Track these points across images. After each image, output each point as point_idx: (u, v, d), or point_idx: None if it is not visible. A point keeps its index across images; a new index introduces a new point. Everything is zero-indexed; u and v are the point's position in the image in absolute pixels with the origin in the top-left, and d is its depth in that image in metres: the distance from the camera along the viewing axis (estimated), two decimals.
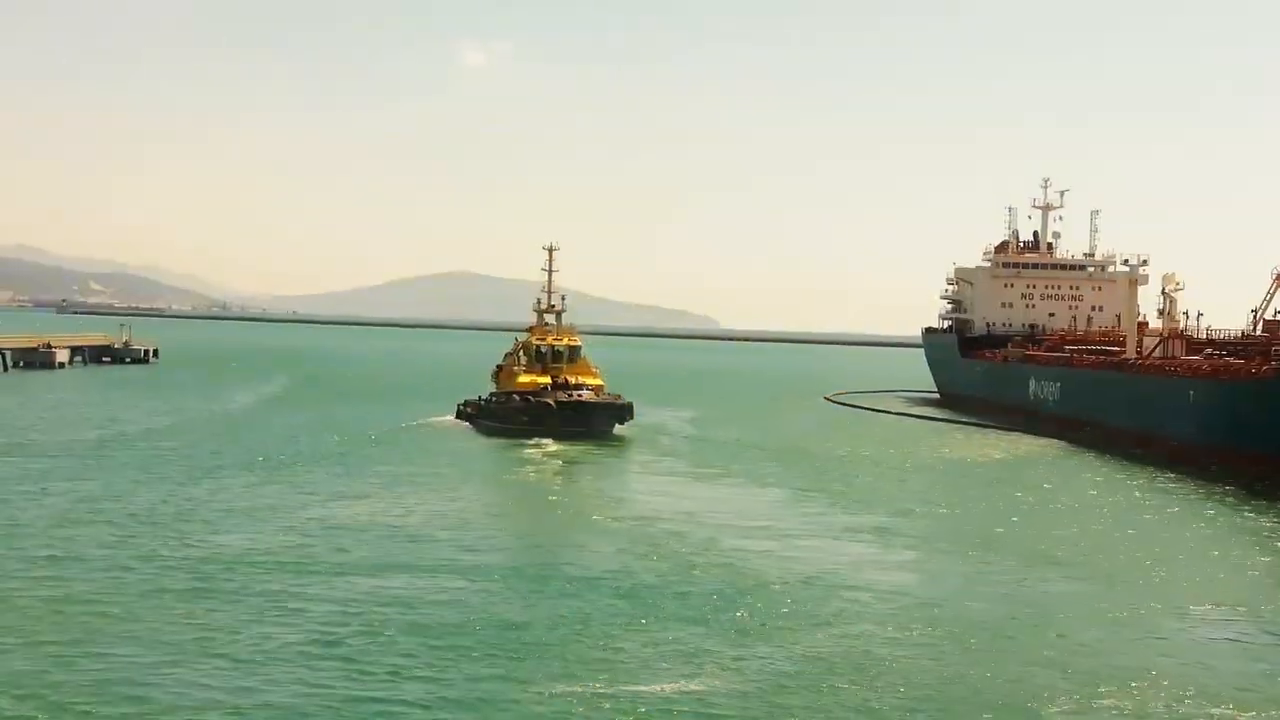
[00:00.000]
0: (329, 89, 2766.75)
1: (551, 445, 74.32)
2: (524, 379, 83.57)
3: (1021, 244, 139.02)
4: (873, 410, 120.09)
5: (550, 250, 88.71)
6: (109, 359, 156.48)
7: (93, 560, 38.05)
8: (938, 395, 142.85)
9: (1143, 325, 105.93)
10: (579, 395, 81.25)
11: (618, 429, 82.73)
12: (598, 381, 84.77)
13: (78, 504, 47.99)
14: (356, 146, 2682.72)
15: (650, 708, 26.36)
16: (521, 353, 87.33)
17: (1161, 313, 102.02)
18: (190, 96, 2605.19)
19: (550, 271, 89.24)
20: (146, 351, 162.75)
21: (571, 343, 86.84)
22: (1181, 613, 36.72)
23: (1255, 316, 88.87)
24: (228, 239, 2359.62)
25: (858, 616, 34.51)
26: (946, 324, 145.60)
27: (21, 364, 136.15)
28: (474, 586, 36.59)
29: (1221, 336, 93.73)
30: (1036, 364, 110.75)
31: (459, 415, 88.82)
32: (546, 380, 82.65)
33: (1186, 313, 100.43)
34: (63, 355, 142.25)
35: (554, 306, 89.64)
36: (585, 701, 26.61)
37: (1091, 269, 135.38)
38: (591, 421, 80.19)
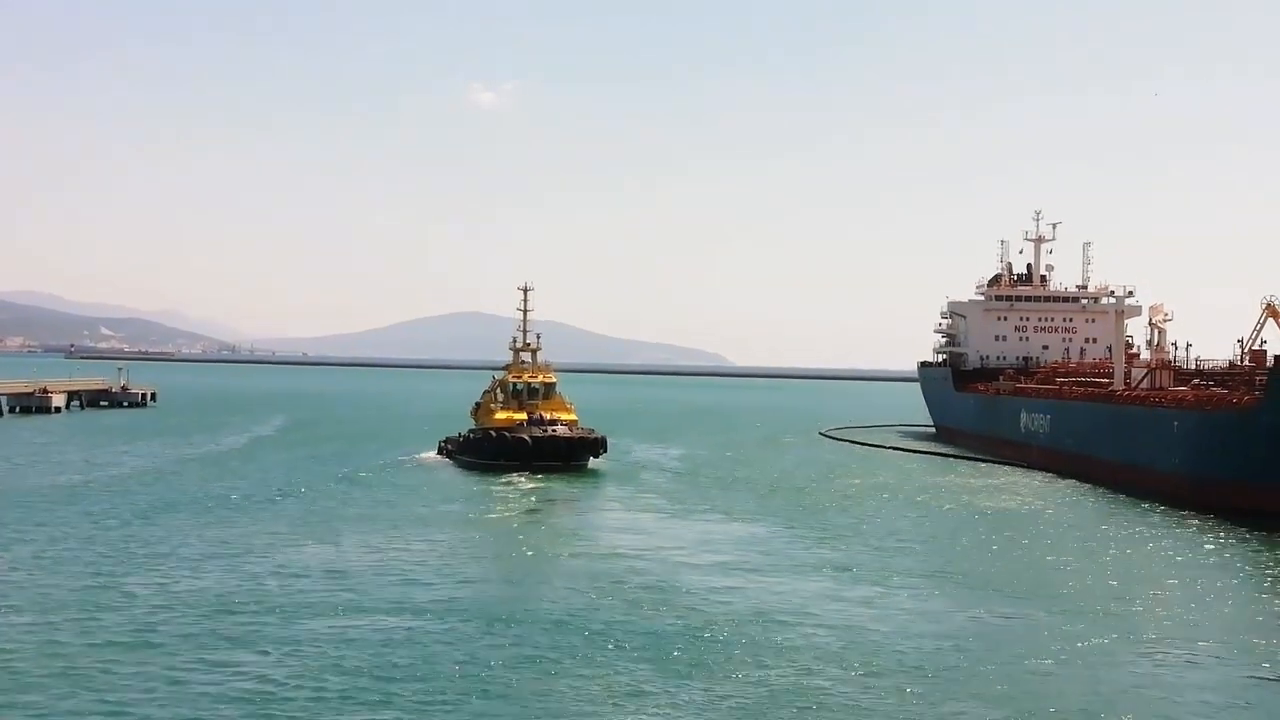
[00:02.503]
0: (341, 133, 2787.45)
1: (527, 481, 75.01)
2: (500, 415, 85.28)
3: (1014, 277, 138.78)
4: (864, 445, 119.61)
5: (525, 290, 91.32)
6: (106, 403, 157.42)
7: (38, 604, 37.74)
8: (934, 429, 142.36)
9: (1134, 356, 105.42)
10: (553, 430, 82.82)
11: (593, 462, 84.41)
12: (572, 417, 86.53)
13: (27, 550, 47.59)
14: (367, 189, 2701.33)
15: None
16: (499, 390, 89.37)
17: (1150, 344, 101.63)
18: (199, 143, 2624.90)
19: (525, 311, 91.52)
20: (144, 395, 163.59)
21: (546, 380, 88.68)
22: (1145, 646, 36.16)
23: (1243, 347, 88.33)
24: (243, 283, 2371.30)
25: (810, 653, 34.01)
26: (941, 358, 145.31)
27: (18, 409, 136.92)
28: (431, 625, 36.21)
29: (1210, 367, 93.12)
30: (1027, 396, 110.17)
31: (440, 451, 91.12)
32: (522, 416, 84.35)
33: (1175, 344, 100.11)
34: (59, 400, 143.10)
35: (529, 345, 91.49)
36: None
37: (1085, 301, 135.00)
38: (566, 455, 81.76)
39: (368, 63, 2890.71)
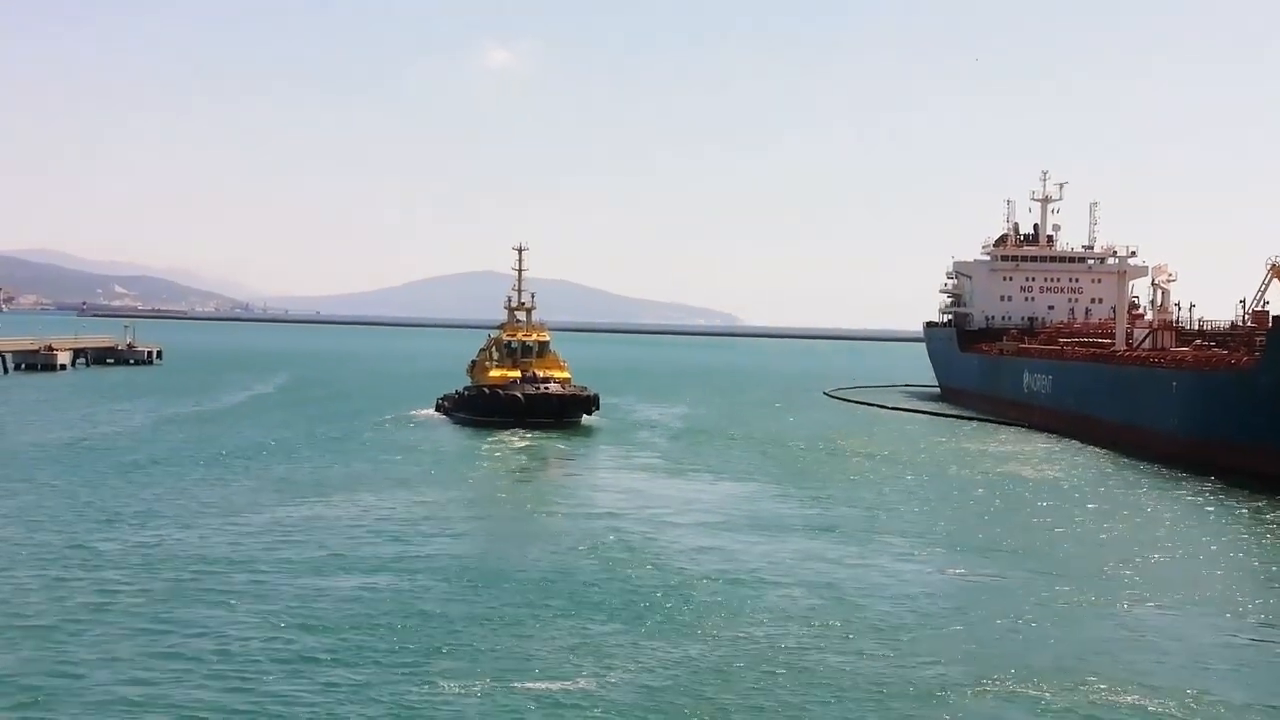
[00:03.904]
0: (356, 92, 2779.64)
1: (520, 439, 75.49)
2: (495, 373, 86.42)
3: (1020, 237, 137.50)
4: (867, 405, 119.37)
5: (520, 250, 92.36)
6: (112, 361, 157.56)
7: (12, 559, 37.83)
8: (938, 389, 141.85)
9: (1138, 317, 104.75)
10: (546, 388, 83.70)
11: (590, 420, 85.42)
12: (565, 375, 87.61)
13: (11, 504, 47.84)
14: (381, 147, 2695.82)
15: (552, 703, 26.05)
16: (494, 348, 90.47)
17: (1153, 304, 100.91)
18: (215, 100, 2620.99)
19: (520, 270, 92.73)
20: (150, 353, 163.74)
21: (540, 338, 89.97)
22: (1134, 607, 35.95)
23: (1245, 307, 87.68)
24: (258, 242, 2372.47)
25: (786, 613, 33.82)
26: (946, 318, 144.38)
27: (23, 366, 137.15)
28: (408, 583, 36.07)
29: (1212, 328, 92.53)
30: (1030, 357, 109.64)
31: (437, 409, 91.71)
32: (516, 374, 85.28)
33: (1178, 304, 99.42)
34: (64, 358, 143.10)
35: (524, 304, 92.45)
36: (486, 698, 26.28)
37: (1090, 261, 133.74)
38: (558, 412, 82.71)
39: (380, 23, 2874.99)
